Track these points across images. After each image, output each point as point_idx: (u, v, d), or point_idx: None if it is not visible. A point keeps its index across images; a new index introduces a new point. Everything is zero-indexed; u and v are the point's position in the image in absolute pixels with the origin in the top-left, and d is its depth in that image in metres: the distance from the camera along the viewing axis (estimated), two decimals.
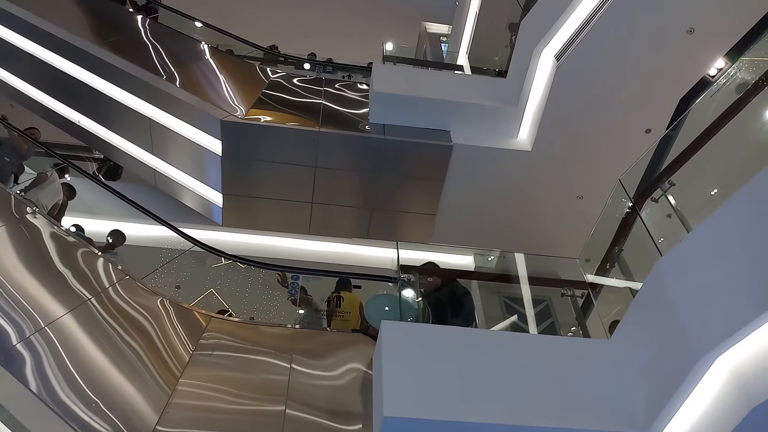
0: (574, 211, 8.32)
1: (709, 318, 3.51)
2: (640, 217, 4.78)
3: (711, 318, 3.50)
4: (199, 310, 5.78)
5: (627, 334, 4.35)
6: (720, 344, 3.34)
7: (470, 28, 12.36)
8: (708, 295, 3.60)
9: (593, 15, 6.71)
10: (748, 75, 5.26)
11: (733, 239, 3.59)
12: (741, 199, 3.60)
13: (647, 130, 7.56)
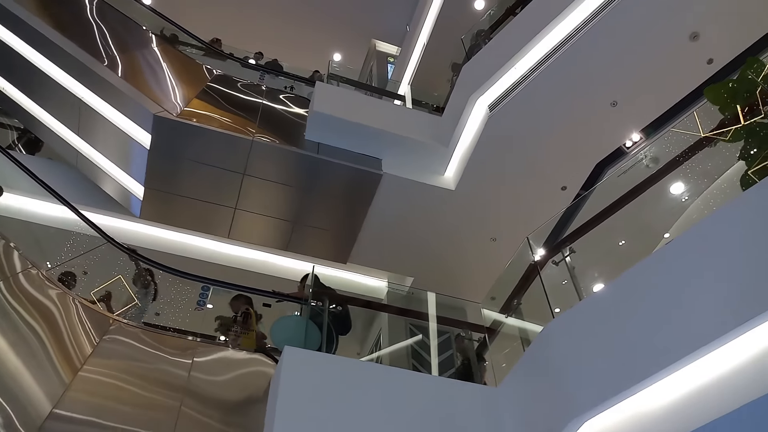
0: (488, 251, 8.71)
1: (585, 383, 3.84)
2: (540, 277, 5.10)
3: (586, 384, 3.83)
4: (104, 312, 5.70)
5: (513, 385, 4.66)
6: (591, 409, 3.68)
7: (417, 57, 12.71)
8: (587, 362, 3.94)
9: (528, 75, 7.12)
10: (653, 162, 5.74)
11: (612, 315, 3.95)
12: (621, 282, 3.99)
13: (563, 188, 8.05)
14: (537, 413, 4.24)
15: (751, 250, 3.38)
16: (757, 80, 4.86)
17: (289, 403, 4.09)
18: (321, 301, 5.44)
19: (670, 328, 3.53)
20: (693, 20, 6.66)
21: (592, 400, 3.70)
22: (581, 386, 3.84)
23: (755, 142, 4.91)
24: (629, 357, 3.66)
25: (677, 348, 3.42)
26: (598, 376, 3.79)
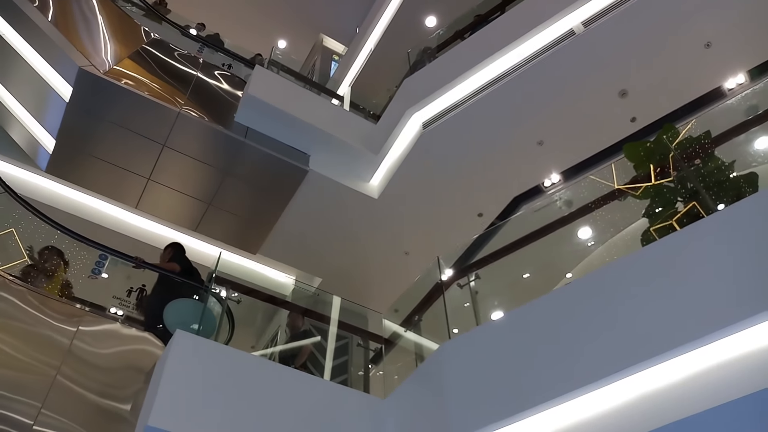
0: (399, 264, 8.80)
1: (468, 407, 3.94)
2: (444, 297, 5.20)
3: (469, 407, 3.93)
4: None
5: (400, 399, 4.71)
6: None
7: (362, 61, 12.71)
8: (473, 386, 4.04)
9: (465, 101, 7.28)
10: (566, 204, 6.00)
11: (505, 344, 4.09)
12: (519, 314, 4.14)
13: (479, 214, 8.26)
14: (420, 429, 4.31)
15: (638, 302, 3.59)
16: (670, 146, 5.19)
17: (172, 388, 3.95)
18: (221, 288, 5.30)
19: (555, 366, 3.69)
20: (623, 78, 7.03)
21: (473, 424, 3.81)
22: (465, 409, 3.93)
23: (661, 202, 5.23)
24: (514, 387, 3.79)
25: (558, 385, 3.58)
26: (482, 401, 3.90)
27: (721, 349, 3.22)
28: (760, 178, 4.67)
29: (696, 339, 3.22)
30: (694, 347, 3.25)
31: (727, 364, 3.20)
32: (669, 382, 3.35)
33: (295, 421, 4.29)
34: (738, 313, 3.14)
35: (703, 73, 7.03)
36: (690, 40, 6.76)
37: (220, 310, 5.11)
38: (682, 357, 3.29)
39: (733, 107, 5.87)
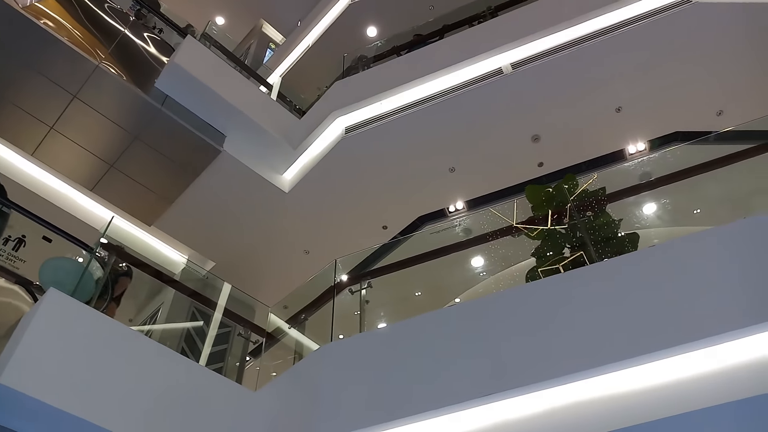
0: (297, 261, 8.77)
1: (334, 411, 3.99)
2: (333, 300, 5.25)
3: (335, 411, 3.99)
4: None
5: (271, 394, 4.70)
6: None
7: (297, 55, 12.64)
8: (343, 392, 4.10)
9: (389, 115, 7.42)
10: (465, 232, 6.23)
11: (383, 355, 4.19)
12: (401, 328, 4.26)
13: (384, 227, 8.41)
14: (285, 426, 4.32)
15: (505, 335, 3.80)
16: (568, 195, 5.52)
17: (32, 348, 3.75)
18: (108, 253, 5.09)
19: (426, 382, 3.83)
20: (538, 124, 7.42)
21: (339, 427, 3.87)
22: (334, 411, 3.99)
23: (551, 246, 5.55)
24: (385, 397, 3.89)
25: (425, 402, 3.72)
26: (352, 406, 3.97)
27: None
28: (640, 240, 5.08)
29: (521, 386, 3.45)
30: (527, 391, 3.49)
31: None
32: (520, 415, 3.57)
33: (159, 399, 4.18)
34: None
35: (610, 134, 7.55)
36: (604, 102, 7.25)
37: (100, 275, 4.89)
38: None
39: (629, 170, 6.34)
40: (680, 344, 3.30)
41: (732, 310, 3.31)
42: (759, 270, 3.39)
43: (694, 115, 7.39)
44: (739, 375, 3.19)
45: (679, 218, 5.70)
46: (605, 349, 3.46)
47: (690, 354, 3.33)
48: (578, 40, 6.90)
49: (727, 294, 3.40)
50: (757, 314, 3.20)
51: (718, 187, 5.64)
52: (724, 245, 3.69)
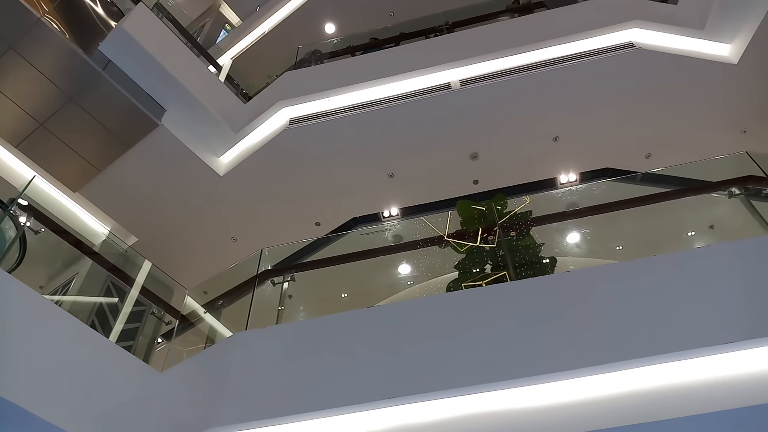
0: (223, 247, 8.64)
1: (240, 398, 3.96)
2: (254, 290, 5.21)
3: (241, 399, 3.95)
4: None
5: (178, 375, 4.61)
6: (228, 425, 3.79)
7: (252, 39, 12.45)
8: (248, 382, 4.07)
9: (335, 113, 7.43)
10: (396, 238, 6.31)
11: (294, 350, 4.19)
12: (316, 324, 4.28)
13: (317, 223, 8.40)
14: (186, 409, 4.25)
15: (422, 340, 3.89)
16: (496, 215, 5.69)
17: None
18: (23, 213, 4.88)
19: (336, 381, 3.86)
20: (479, 143, 7.61)
21: (239, 416, 3.83)
22: (236, 399, 3.95)
23: (476, 262, 5.71)
24: (288, 392, 3.89)
25: (334, 399, 3.74)
26: (255, 396, 3.94)
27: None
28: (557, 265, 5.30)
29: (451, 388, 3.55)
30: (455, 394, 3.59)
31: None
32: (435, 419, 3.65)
33: (61, 369, 4.03)
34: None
35: (545, 161, 7.82)
36: (543, 130, 7.50)
37: (13, 235, 4.68)
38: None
39: (557, 198, 6.59)
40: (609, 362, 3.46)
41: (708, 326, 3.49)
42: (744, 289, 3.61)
43: (624, 154, 7.75)
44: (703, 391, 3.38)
45: (596, 249, 5.96)
46: (514, 365, 3.59)
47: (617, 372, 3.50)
48: (525, 67, 7.13)
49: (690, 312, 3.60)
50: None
51: (635, 225, 5.95)
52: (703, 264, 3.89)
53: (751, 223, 5.11)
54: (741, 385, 3.30)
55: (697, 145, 7.36)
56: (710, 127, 7.42)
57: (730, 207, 5.43)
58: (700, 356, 3.41)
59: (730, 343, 3.35)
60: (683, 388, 3.38)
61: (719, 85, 7.03)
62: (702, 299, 3.66)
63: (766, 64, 6.79)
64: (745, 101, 7.17)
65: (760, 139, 7.37)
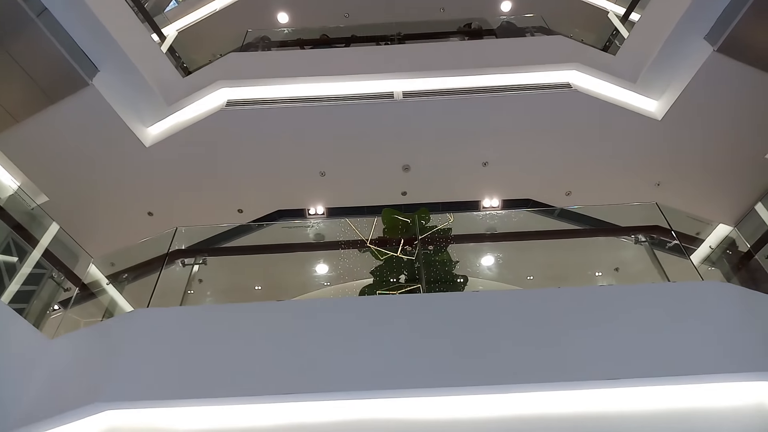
0: (138, 220, 8.34)
1: (127, 377, 3.83)
2: (162, 267, 5.08)
3: (128, 377, 3.83)
4: None
5: (67, 345, 4.40)
6: (107, 402, 3.67)
7: (202, 15, 12.12)
8: (145, 359, 3.96)
9: (273, 102, 7.35)
10: (317, 236, 6.32)
11: (191, 333, 4.11)
12: (215, 309, 4.22)
13: (239, 210, 8.26)
14: (71, 381, 4.07)
15: (320, 340, 3.91)
16: (417, 228, 5.81)
17: None
18: None
19: (233, 370, 3.81)
20: (413, 155, 7.73)
21: (127, 393, 3.71)
22: (122, 377, 3.80)
23: (393, 271, 5.80)
24: (183, 377, 3.80)
25: (227, 389, 3.70)
26: (143, 377, 3.81)
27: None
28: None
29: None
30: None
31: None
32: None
33: None
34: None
35: (472, 184, 8.04)
36: (474, 154, 7.71)
37: None
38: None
39: (478, 220, 6.79)
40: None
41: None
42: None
43: (547, 189, 8.08)
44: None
45: (507, 275, 6.17)
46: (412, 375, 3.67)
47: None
48: (467, 89, 7.32)
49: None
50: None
51: (547, 257, 6.21)
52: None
53: (651, 270, 5.44)
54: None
55: (615, 190, 7.76)
56: (629, 175, 7.84)
57: (635, 252, 5.77)
58: (583, 389, 3.60)
59: (614, 380, 3.57)
60: (563, 416, 3.57)
61: (642, 138, 7.45)
62: (598, 335, 3.87)
63: (686, 125, 7.27)
64: (663, 156, 7.63)
65: (671, 194, 7.86)
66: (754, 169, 7.58)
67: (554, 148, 7.64)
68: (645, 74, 7.29)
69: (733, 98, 6.99)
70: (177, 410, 3.73)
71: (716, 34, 6.64)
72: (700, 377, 3.62)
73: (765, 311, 4.20)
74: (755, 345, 3.77)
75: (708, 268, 6.53)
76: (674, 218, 5.41)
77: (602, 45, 9.10)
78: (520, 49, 7.96)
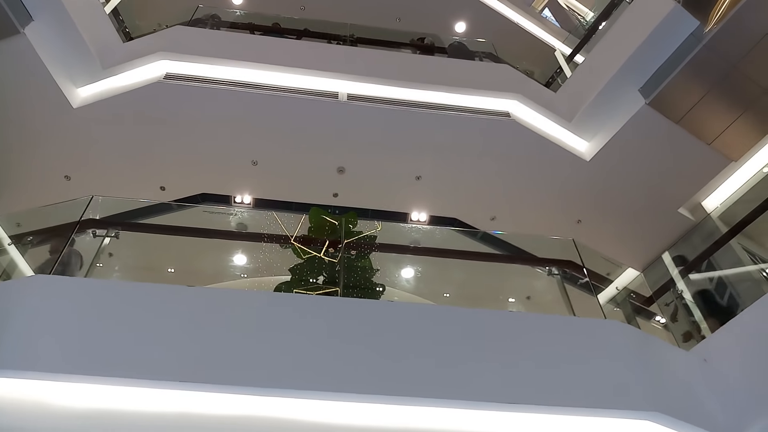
0: (54, 183, 7.88)
1: (16, 346, 3.62)
2: (71, 235, 4.82)
3: (18, 347, 3.62)
4: None
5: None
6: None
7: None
8: (42, 329, 3.74)
9: (213, 83, 7.19)
10: (240, 226, 6.20)
11: (90, 306, 3.93)
12: (118, 286, 4.05)
13: (162, 188, 7.99)
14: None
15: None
16: (345, 231, 5.80)
17: None
18: None
19: (136, 352, 3.67)
20: (349, 159, 7.72)
21: (7, 364, 3.49)
22: (8, 345, 3.57)
23: (313, 271, 5.76)
24: (78, 351, 3.62)
25: (126, 370, 3.55)
26: (33, 348, 3.61)
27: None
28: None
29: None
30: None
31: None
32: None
33: None
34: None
35: (403, 196, 8.11)
36: (409, 166, 7.78)
37: None
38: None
39: (403, 232, 6.86)
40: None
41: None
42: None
43: (473, 211, 8.25)
44: None
45: (423, 290, 6.26)
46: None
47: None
48: (410, 102, 7.42)
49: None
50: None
51: (464, 277, 6.35)
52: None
53: (559, 302, 5.64)
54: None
55: (537, 221, 8.03)
56: (553, 209, 8.12)
57: (547, 284, 5.98)
58: (480, 409, 3.70)
59: (510, 404, 3.68)
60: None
61: (569, 175, 7.74)
62: (501, 359, 3.98)
63: (611, 169, 7.62)
64: (587, 196, 7.95)
65: (589, 232, 8.18)
66: (667, 220, 8.01)
67: (486, 173, 7.81)
68: (581, 115, 7.60)
69: (656, 151, 7.39)
70: (63, 385, 3.55)
71: (650, 88, 7.02)
72: (591, 410, 3.78)
73: (657, 355, 4.46)
74: (645, 386, 3.98)
75: (613, 308, 6.85)
76: (588, 256, 5.64)
77: (545, 80, 9.41)
78: (467, 72, 8.11)
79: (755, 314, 4.65)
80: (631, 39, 7.11)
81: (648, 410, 3.78)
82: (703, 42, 6.56)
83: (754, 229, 6.64)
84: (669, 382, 4.26)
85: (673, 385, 4.26)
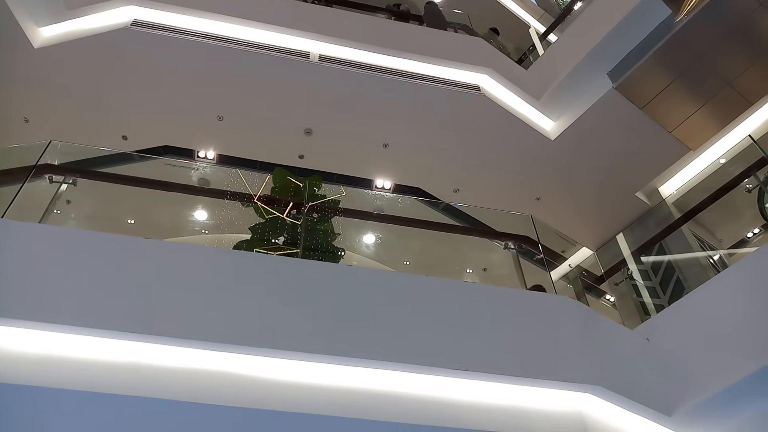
0: (11, 124, 7.58)
1: None
2: (26, 179, 4.72)
3: None
4: None
5: None
6: None
7: None
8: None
9: (182, 33, 7.01)
10: (202, 181, 6.14)
11: (38, 251, 3.88)
12: (76, 234, 3.98)
13: (124, 137, 7.80)
14: None
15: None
16: (308, 192, 5.81)
17: None
18: None
19: (88, 301, 3.64)
20: (313, 119, 7.65)
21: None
22: None
23: (274, 232, 5.77)
24: (26, 297, 3.59)
25: (75, 318, 3.53)
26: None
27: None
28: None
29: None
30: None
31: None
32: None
33: None
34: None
35: (370, 162, 8.11)
36: (377, 133, 7.76)
37: None
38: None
39: (366, 198, 6.89)
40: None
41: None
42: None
43: (437, 182, 8.32)
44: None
45: (383, 256, 6.33)
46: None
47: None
48: (381, 68, 7.36)
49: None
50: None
51: (424, 247, 6.44)
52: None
53: (513, 276, 5.79)
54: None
55: (498, 196, 8.12)
56: (514, 184, 8.23)
57: (503, 257, 6.11)
58: (429, 374, 3.81)
59: (458, 370, 3.80)
60: (407, 396, 3.75)
61: (533, 153, 7.85)
62: (453, 326, 4.09)
63: (574, 150, 7.76)
64: (548, 174, 8.09)
65: (548, 209, 8.35)
66: (624, 203, 8.23)
67: (452, 145, 7.86)
68: (549, 94, 7.68)
69: (619, 134, 7.56)
70: (18, 330, 3.51)
71: (618, 73, 7.13)
72: (535, 381, 3.94)
73: (603, 332, 4.64)
74: (588, 360, 4.16)
75: (565, 285, 7.06)
76: (544, 233, 5.78)
77: (518, 57, 9.45)
78: (441, 42, 8.08)
79: (698, 298, 4.86)
80: (604, 22, 7.19)
81: (590, 383, 3.96)
82: (673, 31, 6.68)
83: (706, 216, 6.90)
84: (612, 358, 4.46)
85: (615, 361, 4.46)
